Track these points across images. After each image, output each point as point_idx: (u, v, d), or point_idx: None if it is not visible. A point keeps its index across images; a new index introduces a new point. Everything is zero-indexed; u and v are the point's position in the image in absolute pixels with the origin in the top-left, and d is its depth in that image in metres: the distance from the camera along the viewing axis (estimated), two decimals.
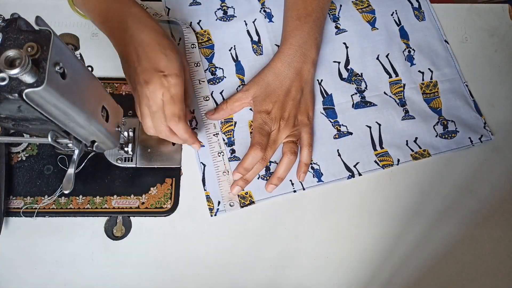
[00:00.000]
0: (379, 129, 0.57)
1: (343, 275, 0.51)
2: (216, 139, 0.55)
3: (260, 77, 0.56)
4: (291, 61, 0.55)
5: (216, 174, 0.54)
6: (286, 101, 0.55)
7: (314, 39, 0.56)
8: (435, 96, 0.58)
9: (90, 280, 0.49)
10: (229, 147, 0.55)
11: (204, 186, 0.53)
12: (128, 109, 0.55)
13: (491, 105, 0.58)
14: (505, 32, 0.62)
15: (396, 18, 0.63)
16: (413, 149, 0.56)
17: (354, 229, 0.52)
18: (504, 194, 0.54)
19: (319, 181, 0.54)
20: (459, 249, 0.52)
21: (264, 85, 0.55)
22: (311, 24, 0.56)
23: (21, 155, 0.53)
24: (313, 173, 0.54)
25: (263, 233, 0.52)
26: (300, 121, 0.55)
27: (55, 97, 0.31)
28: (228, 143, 0.55)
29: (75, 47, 0.37)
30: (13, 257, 0.50)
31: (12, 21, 0.31)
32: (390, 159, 0.55)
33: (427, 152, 0.56)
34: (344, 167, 0.55)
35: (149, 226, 0.51)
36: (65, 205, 0.51)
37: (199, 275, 0.50)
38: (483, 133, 0.57)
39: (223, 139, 0.55)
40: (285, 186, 0.54)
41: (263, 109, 0.54)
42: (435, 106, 0.58)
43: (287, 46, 0.56)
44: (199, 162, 0.54)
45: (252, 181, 0.53)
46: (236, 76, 0.59)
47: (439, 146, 0.56)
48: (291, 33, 0.56)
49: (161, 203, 0.52)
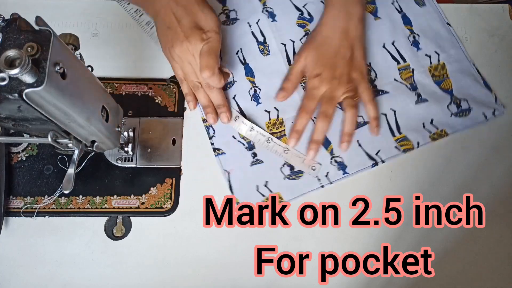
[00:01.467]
0: (395, 115, 0.57)
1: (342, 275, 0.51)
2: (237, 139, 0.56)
3: (308, 45, 0.57)
4: (335, 22, 0.56)
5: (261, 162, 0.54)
6: (336, 62, 0.56)
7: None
8: (444, 78, 0.59)
9: (90, 280, 0.49)
10: (250, 151, 0.55)
11: (232, 192, 0.53)
12: (128, 109, 0.55)
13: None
14: (505, 32, 0.62)
15: (397, 5, 0.63)
16: (430, 131, 0.56)
17: (355, 233, 0.52)
18: (504, 194, 0.54)
19: (344, 173, 0.54)
20: (459, 249, 0.52)
21: (313, 51, 0.57)
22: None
23: (21, 155, 0.53)
24: (337, 166, 0.55)
25: (263, 233, 0.52)
26: (354, 78, 0.56)
27: (55, 97, 0.31)
28: (248, 147, 0.55)
29: (75, 47, 0.37)
30: (13, 257, 0.50)
31: (12, 21, 0.31)
32: (410, 143, 0.56)
33: (444, 132, 0.56)
34: (367, 157, 0.55)
35: (149, 226, 0.51)
36: (65, 205, 0.51)
37: (199, 275, 0.50)
38: (495, 107, 0.58)
39: (242, 143, 0.56)
40: (312, 183, 0.54)
41: (314, 74, 0.56)
42: (446, 87, 0.59)
43: (329, 7, 0.58)
44: (223, 170, 0.54)
45: (279, 183, 0.53)
46: (247, 78, 0.58)
47: (455, 125, 0.57)
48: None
49: (161, 203, 0.52)
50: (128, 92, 0.57)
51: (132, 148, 0.51)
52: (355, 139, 0.56)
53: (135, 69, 0.58)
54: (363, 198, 0.53)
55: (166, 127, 0.56)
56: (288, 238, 0.52)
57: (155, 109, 0.56)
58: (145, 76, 0.58)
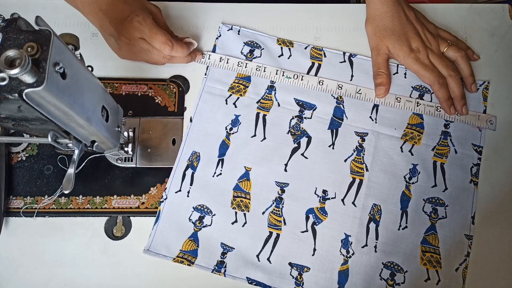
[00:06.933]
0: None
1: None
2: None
3: (376, 34, 0.58)
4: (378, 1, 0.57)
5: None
6: (410, 28, 0.57)
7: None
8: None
9: (90, 280, 0.49)
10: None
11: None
12: (128, 109, 0.55)
13: (491, 105, 0.58)
14: (505, 32, 0.62)
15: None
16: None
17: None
18: (504, 194, 0.54)
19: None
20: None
21: (386, 35, 0.57)
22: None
23: (21, 155, 0.53)
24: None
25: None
26: (432, 31, 0.58)
27: (55, 97, 0.31)
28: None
29: (75, 47, 0.37)
30: (13, 257, 0.50)
31: (12, 21, 0.31)
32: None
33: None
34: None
35: (149, 226, 0.51)
36: (65, 205, 0.51)
37: (199, 275, 0.50)
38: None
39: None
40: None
41: (406, 51, 0.56)
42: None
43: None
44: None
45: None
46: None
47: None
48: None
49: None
50: (128, 92, 0.57)
51: (132, 148, 0.51)
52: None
53: (135, 69, 0.58)
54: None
55: (166, 127, 0.56)
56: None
57: (155, 109, 0.56)
58: (145, 76, 0.58)
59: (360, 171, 0.54)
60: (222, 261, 0.50)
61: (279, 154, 0.55)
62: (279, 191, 0.53)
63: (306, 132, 0.56)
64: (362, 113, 0.57)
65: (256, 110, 0.57)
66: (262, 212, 0.52)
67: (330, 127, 0.56)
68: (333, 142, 0.55)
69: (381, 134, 0.56)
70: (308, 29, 0.62)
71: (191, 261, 0.50)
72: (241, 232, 0.51)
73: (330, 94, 0.57)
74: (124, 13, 0.50)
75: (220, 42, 0.60)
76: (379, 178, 0.54)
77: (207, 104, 0.57)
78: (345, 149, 0.55)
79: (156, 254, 0.50)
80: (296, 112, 0.57)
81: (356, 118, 0.56)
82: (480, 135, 0.56)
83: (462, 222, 0.52)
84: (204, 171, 0.54)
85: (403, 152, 0.55)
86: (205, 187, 0.53)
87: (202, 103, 0.57)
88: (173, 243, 0.51)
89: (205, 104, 0.57)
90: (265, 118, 0.56)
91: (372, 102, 0.57)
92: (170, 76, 0.58)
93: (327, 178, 0.54)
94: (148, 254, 0.50)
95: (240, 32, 0.61)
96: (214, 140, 0.55)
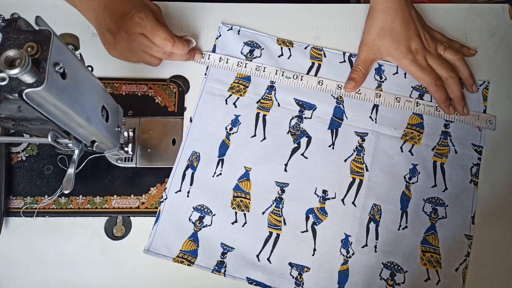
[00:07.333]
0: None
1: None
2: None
3: (373, 30, 0.57)
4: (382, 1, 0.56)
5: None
6: (412, 28, 0.56)
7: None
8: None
9: (90, 280, 0.49)
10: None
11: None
12: (128, 109, 0.55)
13: (491, 105, 0.58)
14: (505, 32, 0.62)
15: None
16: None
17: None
18: (504, 194, 0.54)
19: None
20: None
21: (382, 34, 0.56)
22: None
23: (21, 155, 0.53)
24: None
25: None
26: (430, 30, 0.59)
27: (55, 97, 0.31)
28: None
29: (75, 47, 0.37)
30: (13, 257, 0.50)
31: (12, 21, 0.31)
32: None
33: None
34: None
35: (149, 226, 0.51)
36: (65, 205, 0.51)
37: (199, 275, 0.50)
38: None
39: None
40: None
41: (403, 52, 0.56)
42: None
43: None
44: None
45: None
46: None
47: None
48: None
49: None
50: (128, 92, 0.57)
51: (132, 148, 0.51)
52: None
53: (135, 69, 0.58)
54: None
55: (166, 127, 0.56)
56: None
57: (155, 109, 0.56)
58: (145, 76, 0.58)
59: (360, 171, 0.54)
60: (222, 261, 0.50)
61: (279, 154, 0.55)
62: (279, 191, 0.53)
63: (306, 132, 0.56)
64: (362, 113, 0.57)
65: (256, 110, 0.57)
66: (262, 212, 0.52)
67: (330, 127, 0.56)
68: (333, 142, 0.55)
69: (381, 134, 0.56)
70: (308, 29, 0.62)
71: (191, 261, 0.50)
72: (241, 232, 0.51)
73: (330, 94, 0.58)
74: (125, 9, 0.51)
75: (220, 42, 0.60)
76: (379, 178, 0.54)
77: (207, 104, 0.57)
78: (345, 149, 0.55)
79: (156, 254, 0.50)
80: (296, 112, 0.57)
81: (356, 118, 0.56)
82: (480, 135, 0.56)
83: (462, 222, 0.52)
84: (204, 171, 0.54)
85: (403, 152, 0.55)
86: (205, 187, 0.53)
87: (202, 103, 0.57)
88: (173, 243, 0.51)
89: (205, 104, 0.57)
90: (265, 118, 0.56)
91: (372, 102, 0.57)
92: (170, 76, 0.58)
93: (327, 178, 0.54)
94: (148, 254, 0.50)
95: (240, 32, 0.61)
96: (214, 140, 0.55)
